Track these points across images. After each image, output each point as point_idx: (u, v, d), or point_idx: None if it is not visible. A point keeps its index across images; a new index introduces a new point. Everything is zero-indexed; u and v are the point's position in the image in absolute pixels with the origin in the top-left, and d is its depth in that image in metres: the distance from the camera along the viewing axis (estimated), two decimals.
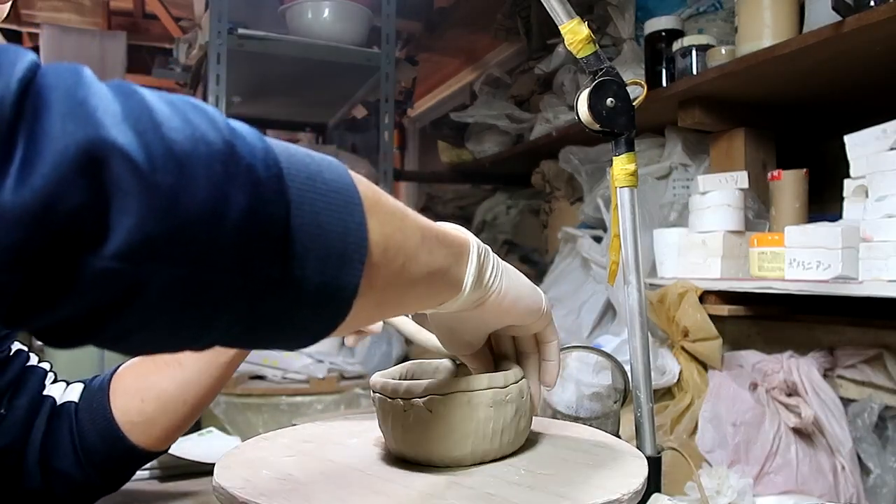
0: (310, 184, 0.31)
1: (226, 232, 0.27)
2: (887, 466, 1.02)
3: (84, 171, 0.24)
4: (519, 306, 0.48)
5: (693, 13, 1.50)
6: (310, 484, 0.45)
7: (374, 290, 0.34)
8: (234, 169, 0.28)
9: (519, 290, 0.48)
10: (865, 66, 1.14)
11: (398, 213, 0.37)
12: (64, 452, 0.57)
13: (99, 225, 0.24)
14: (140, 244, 0.25)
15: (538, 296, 0.50)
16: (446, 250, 0.41)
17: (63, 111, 0.24)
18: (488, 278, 0.45)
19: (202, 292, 0.27)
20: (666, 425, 1.08)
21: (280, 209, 0.29)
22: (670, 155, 1.55)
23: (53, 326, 0.26)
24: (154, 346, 0.30)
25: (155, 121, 0.26)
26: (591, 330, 1.53)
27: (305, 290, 0.30)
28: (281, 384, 1.63)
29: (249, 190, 0.28)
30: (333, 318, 0.33)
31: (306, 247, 0.30)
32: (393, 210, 0.36)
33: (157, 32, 3.63)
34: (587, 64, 0.64)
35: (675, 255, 1.32)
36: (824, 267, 1.02)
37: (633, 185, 0.65)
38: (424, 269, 0.39)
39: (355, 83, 2.05)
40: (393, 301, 0.38)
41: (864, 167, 1.02)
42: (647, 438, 0.63)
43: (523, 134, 2.17)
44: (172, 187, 0.25)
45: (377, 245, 0.34)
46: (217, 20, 1.66)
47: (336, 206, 0.32)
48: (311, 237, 0.30)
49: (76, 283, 0.24)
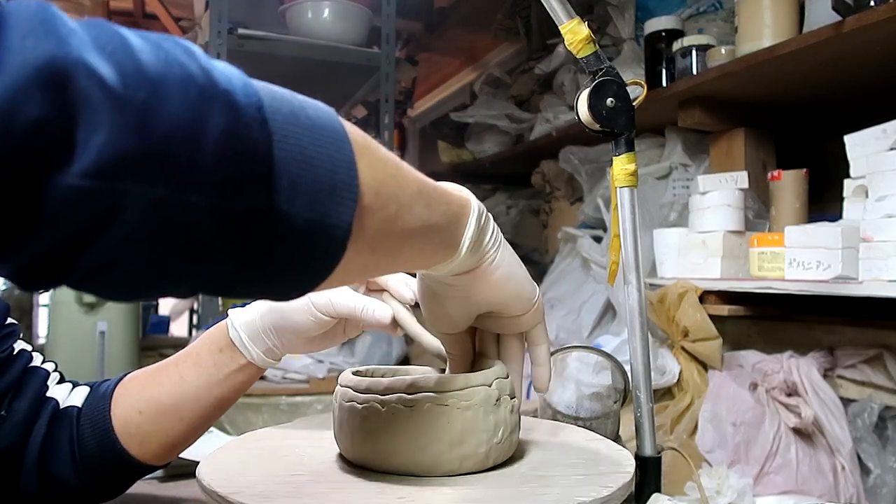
0: (293, 118, 0.29)
1: (205, 152, 0.26)
2: (887, 466, 1.02)
3: (46, 86, 0.22)
4: (510, 284, 0.47)
5: (693, 13, 1.50)
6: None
7: (366, 236, 0.33)
8: (211, 92, 0.26)
9: (513, 267, 0.46)
10: (865, 66, 1.14)
11: (391, 162, 0.35)
12: (62, 458, 0.56)
13: (65, 141, 0.23)
14: (113, 161, 0.23)
15: (531, 285, 0.48)
16: (445, 207, 0.40)
17: (26, 30, 0.23)
18: (487, 243, 0.44)
19: (183, 217, 0.26)
20: (666, 425, 1.08)
21: (262, 136, 0.28)
22: (670, 155, 1.55)
23: (28, 261, 0.24)
24: (133, 285, 0.28)
25: (126, 45, 0.25)
26: (591, 330, 1.53)
27: (294, 226, 0.29)
28: (281, 384, 1.63)
29: (228, 113, 0.27)
30: (326, 261, 0.31)
31: (293, 179, 0.28)
32: (385, 158, 0.35)
33: (157, 32, 3.64)
34: (587, 64, 0.64)
35: (675, 255, 1.32)
36: (824, 267, 1.02)
37: (633, 185, 0.65)
38: (420, 222, 0.37)
39: (355, 83, 2.05)
40: (387, 252, 0.36)
41: (864, 167, 1.02)
42: (647, 438, 0.63)
43: (523, 134, 2.17)
44: (145, 103, 0.24)
45: (368, 187, 0.32)
46: (217, 20, 1.66)
47: (323, 141, 0.30)
48: (297, 169, 0.29)
49: (46, 206, 0.23)
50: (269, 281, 0.31)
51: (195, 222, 0.26)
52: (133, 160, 0.24)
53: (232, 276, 0.30)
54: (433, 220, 0.38)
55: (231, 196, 0.27)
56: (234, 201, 0.27)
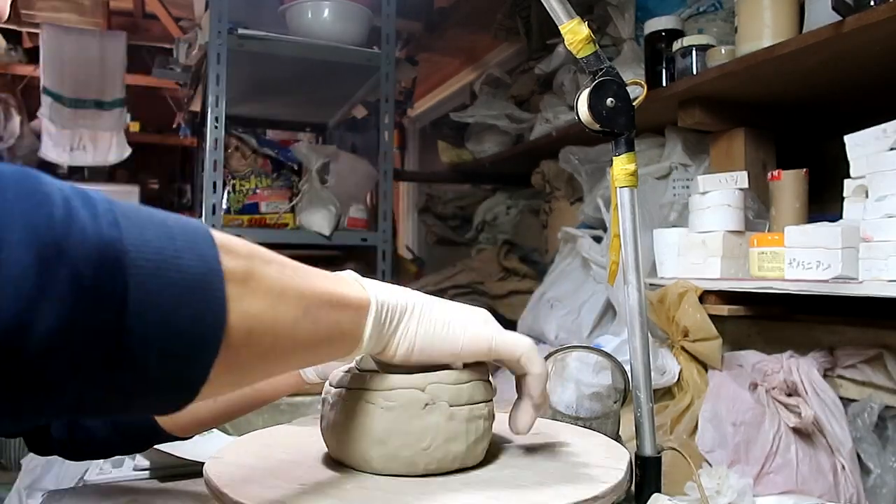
0: (160, 274, 0.29)
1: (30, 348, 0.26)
2: (887, 466, 1.02)
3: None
4: (429, 353, 0.46)
5: (693, 13, 1.50)
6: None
7: (233, 370, 0.34)
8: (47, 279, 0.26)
9: (432, 336, 0.46)
10: (865, 66, 1.14)
11: (275, 288, 0.36)
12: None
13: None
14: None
15: (468, 337, 0.46)
16: (337, 316, 0.40)
17: None
18: (388, 333, 0.44)
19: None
20: (666, 425, 1.08)
21: (111, 308, 0.28)
22: (670, 155, 1.55)
23: None
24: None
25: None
26: (591, 330, 1.53)
27: (144, 382, 0.30)
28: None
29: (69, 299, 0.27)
30: (178, 403, 0.33)
31: (147, 343, 0.29)
32: (269, 285, 0.35)
33: (157, 32, 3.64)
34: (587, 64, 0.64)
35: (675, 255, 1.32)
36: (824, 267, 1.02)
37: (633, 185, 0.65)
38: (305, 340, 0.38)
39: (355, 83, 2.05)
40: (262, 370, 0.37)
41: (864, 167, 1.02)
42: (646, 438, 0.63)
43: (523, 134, 2.16)
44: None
45: (238, 330, 0.33)
46: (217, 20, 1.66)
47: (190, 295, 0.30)
48: (153, 332, 0.29)
49: None
50: (128, 413, 0.32)
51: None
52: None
53: (91, 412, 0.31)
54: (320, 335, 0.39)
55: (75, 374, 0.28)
56: (81, 374, 0.28)
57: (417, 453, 0.46)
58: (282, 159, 2.05)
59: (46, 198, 0.27)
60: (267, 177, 1.99)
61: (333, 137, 2.58)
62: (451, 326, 0.46)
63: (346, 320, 0.41)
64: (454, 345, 0.46)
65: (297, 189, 1.97)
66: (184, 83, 2.49)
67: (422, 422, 0.46)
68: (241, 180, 1.96)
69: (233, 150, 1.99)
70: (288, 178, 2.03)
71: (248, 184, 1.96)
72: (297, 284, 0.37)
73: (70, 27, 3.50)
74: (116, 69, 3.59)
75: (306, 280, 0.38)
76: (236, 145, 2.01)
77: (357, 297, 0.42)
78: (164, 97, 3.88)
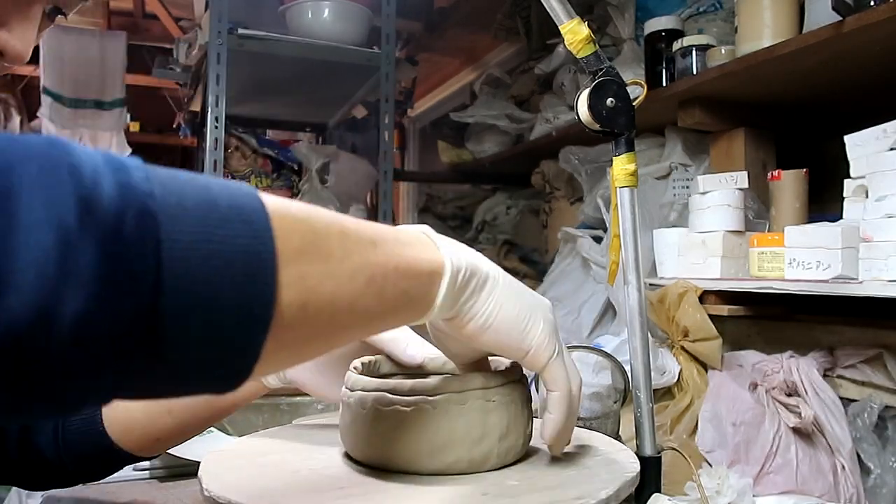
0: (199, 248, 0.27)
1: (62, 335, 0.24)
2: (887, 466, 1.02)
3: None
4: (488, 336, 0.43)
5: (693, 13, 1.50)
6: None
7: (288, 347, 0.32)
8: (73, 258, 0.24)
9: (497, 318, 0.42)
10: (865, 66, 1.14)
11: (334, 258, 0.33)
12: (44, 427, 0.56)
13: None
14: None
15: (522, 335, 0.43)
16: (407, 282, 0.37)
17: None
18: (463, 300, 0.41)
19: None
20: (666, 425, 1.08)
21: (142, 291, 0.26)
22: (670, 155, 1.55)
23: None
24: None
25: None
26: (591, 330, 1.53)
27: (187, 367, 0.28)
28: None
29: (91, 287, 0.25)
30: (231, 384, 0.30)
31: (186, 325, 0.27)
32: (328, 255, 0.32)
33: (157, 32, 3.64)
34: (587, 64, 0.64)
35: (675, 255, 1.32)
36: (824, 267, 1.02)
37: (633, 185, 0.65)
38: (368, 313, 0.35)
39: (355, 83, 2.05)
40: (321, 345, 0.35)
41: (864, 167, 1.02)
42: (646, 438, 0.63)
43: (523, 134, 2.16)
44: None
45: (291, 306, 0.30)
46: (217, 20, 1.66)
47: (234, 269, 0.28)
48: (193, 314, 0.27)
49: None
50: (179, 395, 0.31)
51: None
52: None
53: (138, 394, 0.29)
54: (386, 305, 0.36)
55: (114, 356, 0.26)
56: (120, 359, 0.26)
57: (489, 448, 0.47)
58: (282, 159, 2.05)
59: (74, 170, 0.25)
60: (267, 177, 2.00)
61: (333, 137, 2.58)
62: (529, 323, 0.43)
63: (416, 288, 0.38)
64: (522, 344, 0.44)
65: (297, 189, 1.98)
66: (184, 83, 2.49)
67: (510, 414, 0.48)
68: (241, 180, 1.96)
69: (233, 150, 1.99)
70: (288, 178, 2.03)
71: (249, 184, 1.96)
72: (359, 252, 0.34)
73: (70, 27, 3.50)
74: (116, 69, 3.59)
75: (370, 246, 0.35)
76: (236, 145, 2.01)
77: (429, 261, 0.39)
78: (164, 97, 3.88)
